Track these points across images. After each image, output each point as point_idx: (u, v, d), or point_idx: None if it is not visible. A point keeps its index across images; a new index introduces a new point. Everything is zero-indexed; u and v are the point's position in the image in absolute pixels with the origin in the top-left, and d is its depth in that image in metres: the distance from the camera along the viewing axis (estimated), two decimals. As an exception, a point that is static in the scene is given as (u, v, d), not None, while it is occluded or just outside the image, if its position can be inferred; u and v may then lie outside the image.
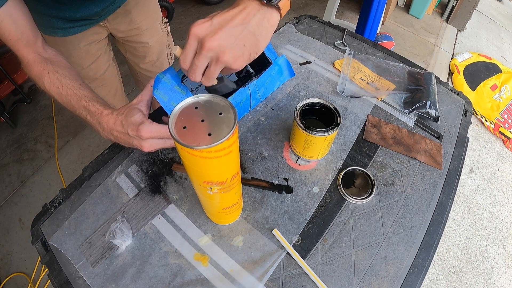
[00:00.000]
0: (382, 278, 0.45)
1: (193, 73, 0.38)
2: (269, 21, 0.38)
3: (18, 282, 1.23)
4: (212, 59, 0.37)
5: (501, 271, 1.33)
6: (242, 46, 0.37)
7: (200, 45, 0.36)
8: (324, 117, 0.52)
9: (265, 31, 0.39)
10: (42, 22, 0.54)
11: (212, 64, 0.38)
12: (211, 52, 0.36)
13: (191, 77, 0.39)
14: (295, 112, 0.50)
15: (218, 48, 0.36)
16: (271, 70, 0.58)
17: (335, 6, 2.05)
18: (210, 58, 0.37)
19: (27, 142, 1.67)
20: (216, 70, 0.38)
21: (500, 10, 3.02)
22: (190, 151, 0.27)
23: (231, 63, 0.38)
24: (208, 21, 0.36)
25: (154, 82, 0.49)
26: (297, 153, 0.56)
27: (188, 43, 0.37)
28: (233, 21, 0.36)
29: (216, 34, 0.35)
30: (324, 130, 0.48)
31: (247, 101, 0.57)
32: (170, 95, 0.47)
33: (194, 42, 0.37)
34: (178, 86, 0.48)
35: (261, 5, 0.37)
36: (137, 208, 0.50)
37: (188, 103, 0.31)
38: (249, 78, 0.55)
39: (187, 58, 0.38)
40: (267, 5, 0.38)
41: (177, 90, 0.48)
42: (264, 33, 0.39)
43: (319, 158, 0.56)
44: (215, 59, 0.37)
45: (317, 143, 0.50)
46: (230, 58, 0.37)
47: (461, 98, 0.72)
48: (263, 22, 0.38)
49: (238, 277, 0.44)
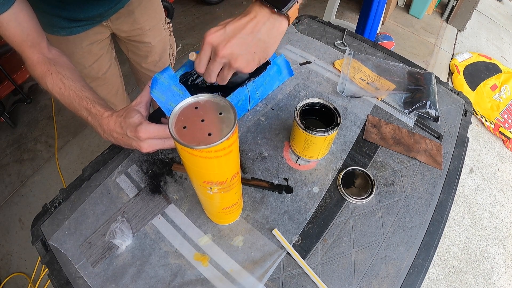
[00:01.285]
0: (382, 278, 0.45)
1: (208, 77, 0.42)
2: (278, 29, 0.41)
3: (18, 282, 1.23)
4: (225, 64, 0.41)
5: (501, 271, 1.33)
6: (252, 53, 0.41)
7: (214, 52, 0.39)
8: (324, 117, 0.52)
9: (274, 38, 0.42)
10: (44, 21, 0.54)
11: (226, 69, 0.42)
12: (224, 58, 0.40)
13: (207, 79, 0.43)
14: (295, 112, 0.50)
15: (230, 55, 0.39)
16: (270, 70, 0.57)
17: (335, 6, 2.05)
18: (224, 64, 0.41)
19: (27, 142, 1.67)
20: (229, 74, 0.43)
21: (500, 10, 3.02)
22: (190, 151, 0.27)
23: (242, 68, 0.41)
24: (221, 29, 0.39)
25: (152, 82, 0.49)
26: (297, 153, 0.56)
27: (203, 50, 0.40)
28: (244, 29, 0.39)
29: (228, 42, 0.38)
30: (324, 130, 0.48)
31: (246, 101, 0.57)
32: (167, 95, 0.47)
33: (209, 49, 0.40)
34: (176, 86, 0.48)
35: (271, 13, 0.40)
36: (137, 208, 0.50)
37: (188, 103, 0.31)
38: (248, 78, 0.55)
39: (201, 63, 0.41)
40: (277, 13, 0.40)
41: (174, 90, 0.48)
42: (273, 40, 0.42)
43: (319, 158, 0.56)
44: (228, 65, 0.41)
45: (317, 143, 0.50)
46: (241, 64, 0.40)
47: (461, 98, 0.72)
48: (272, 30, 0.41)
49: (238, 277, 0.44)
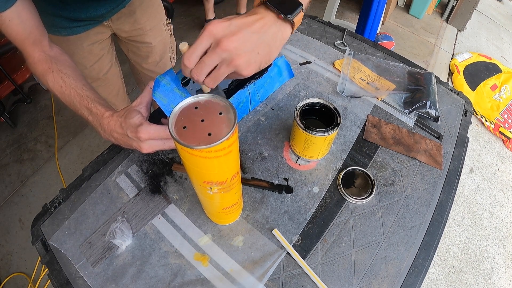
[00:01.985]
0: (382, 278, 0.45)
1: (199, 71, 0.36)
2: (283, 34, 0.39)
3: (18, 282, 1.23)
4: (225, 60, 0.36)
5: (501, 271, 1.33)
6: (256, 53, 0.37)
7: (216, 43, 0.35)
8: (324, 117, 0.52)
9: (278, 43, 0.39)
10: (45, 21, 0.54)
11: (223, 66, 0.36)
12: (226, 52, 0.35)
13: (195, 75, 0.37)
14: (295, 112, 0.50)
15: (234, 50, 0.35)
16: (270, 71, 0.57)
17: (335, 6, 2.05)
18: (223, 59, 0.35)
19: (27, 142, 1.67)
20: (225, 73, 0.37)
21: (500, 10, 3.02)
22: (190, 151, 0.27)
23: (242, 69, 0.36)
24: (226, 22, 0.35)
25: (154, 84, 0.48)
26: (297, 153, 0.56)
27: (200, 39, 0.35)
28: (252, 27, 0.36)
29: (235, 35, 0.34)
30: (324, 130, 0.48)
31: (247, 103, 0.57)
32: (169, 97, 0.47)
33: (208, 40, 0.35)
34: (178, 89, 0.48)
35: (277, 19, 0.38)
36: (137, 208, 0.50)
37: (188, 103, 0.31)
38: (249, 80, 0.55)
39: (193, 54, 0.36)
40: (283, 19, 0.38)
41: (176, 92, 0.47)
42: (277, 44, 0.39)
43: (319, 158, 0.56)
44: (228, 61, 0.35)
45: (317, 143, 0.50)
46: (243, 63, 0.36)
47: (461, 98, 0.72)
48: (277, 34, 0.38)
49: (238, 277, 0.44)
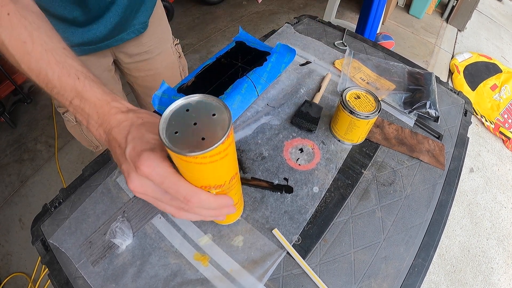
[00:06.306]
0: (382, 278, 0.45)
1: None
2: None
3: (18, 282, 1.23)
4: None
5: (501, 271, 1.33)
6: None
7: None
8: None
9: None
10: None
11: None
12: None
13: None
14: (340, 97, 0.54)
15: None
16: (270, 58, 0.63)
17: (335, 6, 2.05)
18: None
19: (27, 142, 1.67)
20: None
21: (500, 10, 3.02)
22: (184, 158, 0.25)
23: None
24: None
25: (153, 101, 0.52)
26: (338, 137, 0.59)
27: None
28: None
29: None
30: (367, 114, 0.52)
31: (251, 87, 0.60)
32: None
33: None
34: (176, 96, 0.52)
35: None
36: (138, 208, 0.50)
37: (179, 105, 0.29)
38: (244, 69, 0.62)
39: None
40: None
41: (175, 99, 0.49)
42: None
43: (358, 142, 0.59)
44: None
45: (360, 126, 0.54)
46: None
47: (461, 98, 0.72)
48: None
49: (238, 277, 0.44)
